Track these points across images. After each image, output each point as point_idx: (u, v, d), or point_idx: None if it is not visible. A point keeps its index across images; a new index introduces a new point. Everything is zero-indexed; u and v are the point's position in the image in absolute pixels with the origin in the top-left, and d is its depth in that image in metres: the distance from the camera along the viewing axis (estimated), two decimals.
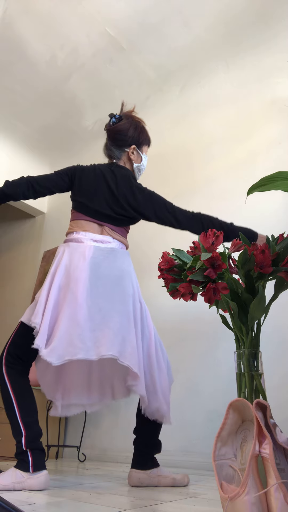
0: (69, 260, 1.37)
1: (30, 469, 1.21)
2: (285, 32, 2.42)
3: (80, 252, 1.39)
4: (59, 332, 1.22)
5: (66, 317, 1.26)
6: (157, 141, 2.97)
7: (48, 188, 1.50)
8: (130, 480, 1.36)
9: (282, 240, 1.09)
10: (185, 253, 1.15)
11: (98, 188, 1.50)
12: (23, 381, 1.32)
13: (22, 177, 1.47)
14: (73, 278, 1.33)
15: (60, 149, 3.69)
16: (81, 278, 1.32)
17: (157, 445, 1.43)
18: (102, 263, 1.38)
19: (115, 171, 1.55)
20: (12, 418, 1.27)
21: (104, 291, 1.35)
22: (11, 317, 3.65)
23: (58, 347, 1.20)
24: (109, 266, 1.39)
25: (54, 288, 1.32)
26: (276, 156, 2.23)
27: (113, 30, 2.58)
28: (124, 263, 1.44)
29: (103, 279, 1.36)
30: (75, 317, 1.26)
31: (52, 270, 1.38)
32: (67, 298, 1.29)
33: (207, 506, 1.00)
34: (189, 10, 2.44)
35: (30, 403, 1.30)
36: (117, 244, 1.48)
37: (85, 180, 1.52)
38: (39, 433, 1.29)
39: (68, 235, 1.48)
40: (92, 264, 1.36)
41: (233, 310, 1.02)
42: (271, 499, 0.71)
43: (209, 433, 1.94)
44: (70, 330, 1.23)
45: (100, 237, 1.45)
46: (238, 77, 2.60)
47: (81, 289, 1.30)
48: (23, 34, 2.63)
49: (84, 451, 2.45)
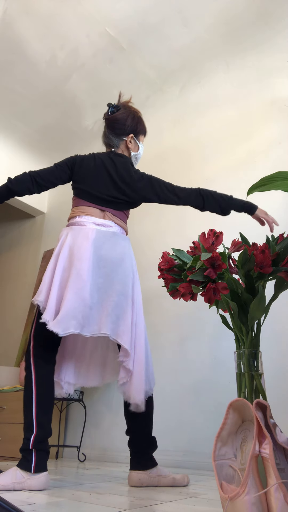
0: (73, 241, 1.42)
1: (32, 470, 1.21)
2: (285, 32, 2.42)
3: (83, 234, 1.43)
4: (65, 306, 1.29)
5: (72, 293, 1.31)
6: (157, 141, 2.97)
7: (51, 181, 1.54)
8: (130, 480, 1.35)
9: (282, 240, 1.09)
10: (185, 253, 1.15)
11: (99, 175, 1.55)
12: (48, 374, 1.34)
13: (25, 173, 1.50)
14: (77, 256, 1.38)
15: (60, 149, 3.69)
16: (85, 256, 1.38)
17: (152, 443, 1.43)
18: (104, 245, 1.43)
19: (114, 159, 1.59)
20: (28, 413, 1.28)
21: (105, 272, 1.40)
22: (11, 317, 3.66)
23: (63, 320, 1.26)
24: (111, 248, 1.44)
25: (59, 268, 1.38)
26: (276, 156, 2.23)
27: (113, 30, 2.58)
28: (125, 247, 1.49)
29: (104, 259, 1.41)
30: (80, 293, 1.32)
31: (56, 251, 1.43)
32: (72, 275, 1.35)
33: (207, 506, 1.00)
34: (189, 10, 2.44)
35: (49, 400, 1.32)
36: (118, 228, 1.53)
37: (86, 168, 1.56)
38: (49, 434, 1.29)
39: (71, 219, 1.52)
40: (95, 245, 1.41)
41: (233, 310, 1.02)
42: (271, 499, 0.71)
43: (209, 433, 1.94)
44: (74, 305, 1.30)
45: (102, 221, 1.49)
46: (238, 77, 2.60)
47: (85, 267, 1.36)
48: (23, 34, 2.63)
49: (84, 451, 2.45)
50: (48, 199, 3.90)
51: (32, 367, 1.33)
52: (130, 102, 1.74)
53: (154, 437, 1.44)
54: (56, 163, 1.58)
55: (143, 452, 1.39)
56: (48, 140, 3.61)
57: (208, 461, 1.87)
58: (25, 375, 1.35)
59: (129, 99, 1.75)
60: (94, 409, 2.51)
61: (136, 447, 1.40)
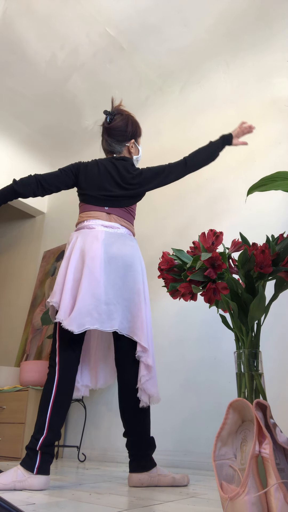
0: (83, 242, 1.47)
1: (34, 471, 1.21)
2: (285, 32, 2.42)
3: (92, 235, 1.48)
4: (78, 304, 1.32)
5: (84, 291, 1.35)
6: (157, 141, 2.97)
7: (55, 185, 1.59)
8: (130, 481, 1.35)
9: (282, 240, 1.09)
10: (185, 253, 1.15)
11: (103, 179, 1.60)
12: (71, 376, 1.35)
13: (30, 175, 1.55)
14: (88, 256, 1.42)
15: (60, 149, 3.69)
16: (97, 255, 1.42)
17: (151, 443, 1.42)
18: (114, 245, 1.48)
19: (115, 163, 1.65)
20: (42, 412, 1.28)
21: (117, 269, 1.45)
22: (11, 317, 3.66)
23: (77, 317, 1.30)
24: (120, 247, 1.48)
25: (71, 269, 1.42)
26: (276, 156, 2.23)
27: (113, 30, 2.58)
28: (134, 247, 1.54)
29: (115, 258, 1.45)
30: (92, 291, 1.36)
31: (67, 254, 1.47)
32: (85, 274, 1.38)
33: (207, 506, 1.00)
34: (189, 10, 2.44)
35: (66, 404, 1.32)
36: (125, 230, 1.57)
37: (90, 175, 1.61)
38: (58, 438, 1.30)
39: (79, 224, 1.56)
40: (105, 245, 1.45)
41: (233, 310, 1.02)
42: (271, 499, 0.71)
43: (209, 433, 1.94)
44: (88, 301, 1.33)
45: (109, 223, 1.54)
46: (238, 77, 2.60)
47: (97, 266, 1.40)
48: (23, 34, 2.63)
49: (84, 451, 2.45)
50: (48, 199, 3.90)
51: (57, 366, 1.33)
52: (121, 105, 1.79)
53: (152, 437, 1.43)
54: (60, 168, 1.62)
55: (143, 454, 1.38)
56: (48, 140, 3.61)
57: (208, 461, 1.87)
58: (48, 373, 1.35)
59: (120, 102, 1.81)
60: (94, 409, 2.51)
61: (135, 449, 1.39)
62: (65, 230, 3.47)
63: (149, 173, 1.65)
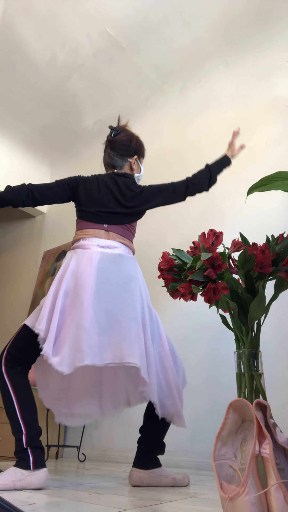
0: (76, 266, 1.38)
1: (31, 466, 1.21)
2: (285, 32, 2.42)
3: (87, 257, 1.39)
4: (68, 339, 1.23)
5: (73, 323, 1.26)
6: (157, 141, 2.97)
7: (48, 197, 1.52)
8: (131, 479, 1.35)
9: (282, 240, 1.09)
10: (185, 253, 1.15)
11: (103, 196, 1.54)
12: (23, 380, 1.33)
13: (23, 185, 1.48)
14: (79, 283, 1.33)
15: (60, 149, 3.69)
16: (88, 283, 1.32)
17: (161, 447, 1.43)
18: (109, 268, 1.39)
19: (116, 179, 1.59)
20: (13, 416, 1.27)
21: (111, 296, 1.35)
22: (10, 317, 3.65)
23: (68, 355, 1.20)
24: (116, 271, 1.39)
25: (61, 294, 1.33)
26: (276, 156, 2.23)
27: (113, 30, 2.58)
28: (131, 269, 1.44)
29: (110, 283, 1.36)
30: (81, 322, 1.25)
31: (59, 276, 1.39)
32: (74, 304, 1.30)
33: (207, 506, 1.00)
34: (189, 10, 2.44)
35: (30, 403, 1.31)
36: (124, 249, 1.49)
37: (90, 190, 1.55)
38: (39, 432, 1.29)
39: (75, 242, 1.49)
40: (99, 269, 1.36)
41: (233, 310, 1.02)
42: (271, 499, 0.71)
43: (209, 433, 1.94)
44: (77, 335, 1.23)
45: (107, 242, 1.46)
46: (238, 77, 2.60)
47: (87, 294, 1.30)
48: (23, 34, 2.63)
49: (84, 451, 2.45)
50: None
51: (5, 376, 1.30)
52: (127, 126, 1.78)
53: (164, 442, 1.44)
54: (58, 180, 1.56)
55: (149, 452, 1.40)
56: (48, 140, 3.61)
57: (208, 461, 1.87)
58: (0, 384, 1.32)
59: (126, 122, 1.80)
60: None
61: (144, 446, 1.41)
62: (65, 230, 3.47)
63: (151, 191, 1.59)
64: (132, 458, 2.10)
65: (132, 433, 2.24)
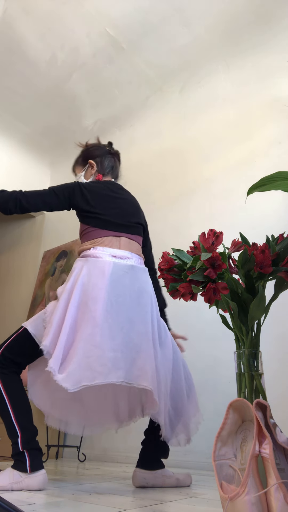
0: (88, 277, 1.33)
1: (28, 470, 1.20)
2: (285, 32, 2.42)
3: (99, 268, 1.34)
4: (76, 356, 1.17)
5: (84, 339, 1.20)
6: (156, 141, 2.97)
7: (37, 205, 1.45)
8: (135, 479, 1.34)
9: (282, 240, 1.09)
10: (185, 253, 1.15)
11: (111, 201, 1.52)
12: (16, 381, 1.31)
13: (14, 192, 1.44)
14: (91, 297, 1.28)
15: (60, 149, 3.69)
16: (100, 297, 1.28)
17: (165, 450, 1.43)
18: (122, 281, 1.35)
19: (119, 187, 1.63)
20: (7, 419, 1.25)
21: (124, 310, 1.30)
22: (10, 317, 3.65)
23: (75, 372, 1.14)
24: (129, 284, 1.36)
25: (72, 307, 1.27)
26: (276, 156, 2.23)
27: (113, 30, 2.58)
28: (144, 281, 1.41)
29: (123, 297, 1.32)
30: (93, 339, 1.20)
31: (69, 287, 1.33)
32: (85, 318, 1.25)
33: (207, 506, 1.00)
34: (189, 10, 2.44)
35: (24, 403, 1.29)
36: (136, 259, 1.45)
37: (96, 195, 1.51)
38: (35, 433, 1.27)
39: (85, 251, 1.43)
40: (111, 282, 1.32)
41: (233, 310, 1.02)
42: (271, 499, 0.71)
43: (209, 433, 1.94)
44: (88, 353, 1.18)
45: (119, 253, 1.41)
46: (238, 77, 2.60)
47: (100, 309, 1.26)
48: (23, 34, 2.63)
49: (84, 451, 2.45)
50: None
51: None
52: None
53: (168, 446, 1.43)
54: (52, 187, 1.49)
55: (153, 455, 1.40)
56: (48, 140, 3.61)
57: (208, 461, 1.87)
58: None
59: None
60: None
61: (148, 448, 1.40)
62: (65, 230, 3.47)
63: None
64: (132, 458, 2.11)
65: (132, 433, 2.24)
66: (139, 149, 3.07)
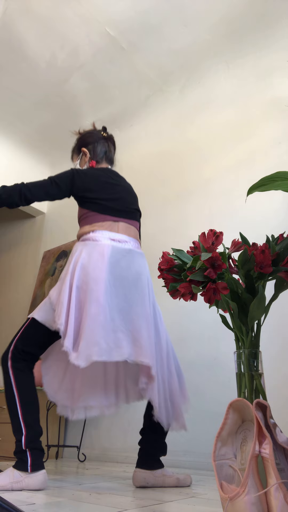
0: (87, 258, 1.37)
1: (29, 469, 1.21)
2: (285, 32, 2.42)
3: (98, 251, 1.38)
4: (84, 333, 1.22)
5: (90, 318, 1.25)
6: (157, 141, 2.97)
7: (40, 196, 1.49)
8: (135, 480, 1.35)
9: (282, 240, 1.09)
10: (185, 253, 1.15)
11: (110, 187, 1.55)
12: (27, 378, 1.33)
13: (17, 185, 1.46)
14: (92, 277, 1.32)
15: (60, 149, 3.69)
16: (101, 278, 1.32)
17: (163, 448, 1.43)
18: (120, 263, 1.39)
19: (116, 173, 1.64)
20: (14, 415, 1.27)
21: (123, 292, 1.36)
22: (10, 317, 3.65)
23: (85, 349, 1.20)
24: (127, 267, 1.40)
25: (74, 288, 1.32)
26: (276, 156, 2.23)
27: (113, 30, 2.58)
28: (141, 265, 1.46)
29: (121, 279, 1.37)
30: (98, 318, 1.25)
31: (70, 269, 1.37)
32: (89, 298, 1.29)
33: (207, 506, 1.00)
34: (189, 10, 2.44)
35: (33, 402, 1.31)
36: (134, 243, 1.49)
37: (94, 180, 1.55)
38: (40, 433, 1.29)
39: (84, 235, 1.47)
40: (110, 264, 1.36)
41: (233, 310, 1.02)
42: (271, 499, 0.71)
43: (209, 433, 1.94)
44: (95, 331, 1.23)
45: (117, 236, 1.45)
46: (238, 77, 2.60)
47: (101, 290, 1.30)
48: (23, 34, 2.63)
49: (84, 451, 2.45)
50: None
51: (10, 372, 1.31)
52: None
53: (165, 443, 1.44)
54: (51, 176, 1.52)
55: (152, 454, 1.40)
56: (48, 140, 3.61)
57: (208, 461, 1.87)
58: (4, 379, 1.32)
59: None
60: None
61: (146, 447, 1.41)
62: (65, 230, 3.47)
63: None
64: (132, 458, 2.11)
65: (132, 433, 2.24)
66: (139, 149, 3.07)
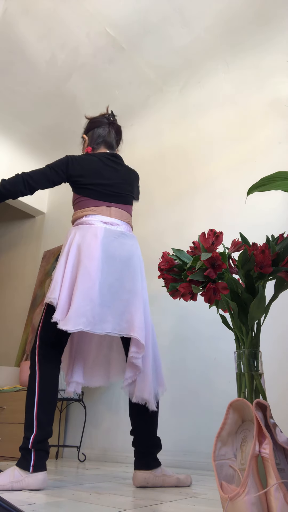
0: (81, 239, 1.45)
1: (30, 469, 1.21)
2: (285, 32, 2.42)
3: (92, 232, 1.46)
4: (74, 304, 1.31)
5: (80, 291, 1.33)
6: (157, 141, 2.97)
7: (43, 183, 1.56)
8: (136, 480, 1.34)
9: (282, 240, 1.09)
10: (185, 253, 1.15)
11: (102, 171, 1.60)
12: (52, 373, 1.35)
13: (18, 175, 1.52)
14: (86, 254, 1.41)
15: (60, 149, 3.69)
16: (94, 255, 1.40)
17: (157, 443, 1.42)
18: (113, 244, 1.47)
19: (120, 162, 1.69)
20: (29, 411, 1.29)
21: (115, 270, 1.44)
22: (11, 317, 3.65)
23: (73, 317, 1.28)
24: (119, 247, 1.48)
25: (69, 266, 1.41)
26: (276, 156, 2.23)
27: (113, 30, 2.58)
28: (133, 246, 1.53)
29: (113, 258, 1.45)
30: (88, 292, 1.34)
31: (66, 250, 1.46)
32: (81, 274, 1.37)
33: (207, 506, 1.00)
34: (189, 10, 2.44)
35: (51, 401, 1.32)
36: (125, 226, 1.57)
37: (87, 166, 1.60)
38: (49, 435, 1.30)
39: (78, 219, 1.55)
40: (103, 244, 1.44)
41: (233, 310, 1.02)
42: (271, 499, 0.71)
43: (209, 433, 1.94)
44: (84, 302, 1.32)
45: (110, 219, 1.52)
46: (238, 77, 2.60)
47: (94, 266, 1.38)
48: (23, 34, 2.63)
49: (84, 451, 2.45)
50: (48, 199, 3.90)
51: (37, 366, 1.34)
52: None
53: (158, 437, 1.44)
54: (48, 164, 1.59)
55: (148, 452, 1.39)
56: (48, 140, 3.61)
57: (208, 461, 1.87)
58: (30, 373, 1.36)
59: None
60: (94, 409, 2.51)
61: (140, 447, 1.40)
62: (65, 230, 3.47)
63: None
64: (132, 458, 2.11)
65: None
66: (139, 149, 3.07)
